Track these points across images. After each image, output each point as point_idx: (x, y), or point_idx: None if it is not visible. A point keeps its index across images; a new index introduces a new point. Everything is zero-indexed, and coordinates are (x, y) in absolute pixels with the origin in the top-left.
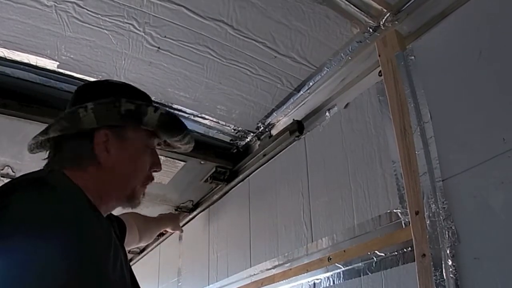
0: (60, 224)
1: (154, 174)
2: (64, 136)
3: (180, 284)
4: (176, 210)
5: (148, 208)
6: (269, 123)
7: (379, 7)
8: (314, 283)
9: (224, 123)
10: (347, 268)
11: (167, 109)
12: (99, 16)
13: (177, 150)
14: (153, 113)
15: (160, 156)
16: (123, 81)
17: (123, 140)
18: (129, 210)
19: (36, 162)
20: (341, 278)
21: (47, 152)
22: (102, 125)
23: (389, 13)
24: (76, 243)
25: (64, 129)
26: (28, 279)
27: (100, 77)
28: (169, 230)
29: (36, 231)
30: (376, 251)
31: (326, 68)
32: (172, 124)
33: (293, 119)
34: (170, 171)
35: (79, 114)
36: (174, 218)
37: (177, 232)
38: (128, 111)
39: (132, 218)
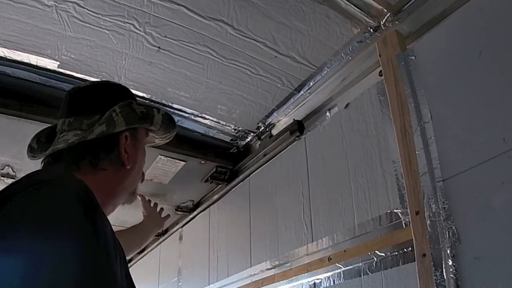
0: (70, 226)
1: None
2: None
3: (180, 284)
4: (176, 210)
5: None
6: (269, 123)
7: (380, 7)
8: (315, 283)
9: (224, 123)
10: (348, 268)
11: (162, 107)
12: (100, 16)
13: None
14: (157, 114)
15: (160, 156)
16: (124, 81)
17: (136, 141)
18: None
19: (36, 162)
20: (342, 278)
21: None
22: (127, 128)
23: (389, 13)
24: (88, 245)
25: (102, 133)
26: (38, 281)
27: (101, 77)
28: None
29: (43, 233)
30: (376, 251)
31: (326, 68)
32: (170, 123)
33: (294, 119)
34: (170, 171)
35: (113, 117)
36: (155, 219)
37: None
38: (142, 113)
39: None
